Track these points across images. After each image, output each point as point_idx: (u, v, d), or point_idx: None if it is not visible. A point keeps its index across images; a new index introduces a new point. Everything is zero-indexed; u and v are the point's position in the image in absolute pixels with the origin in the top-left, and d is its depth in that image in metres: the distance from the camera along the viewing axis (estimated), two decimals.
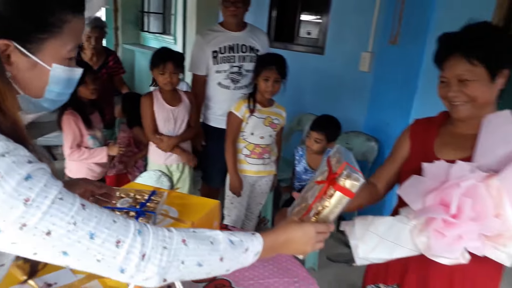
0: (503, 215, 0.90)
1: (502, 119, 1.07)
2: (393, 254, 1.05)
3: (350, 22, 2.99)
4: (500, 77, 1.09)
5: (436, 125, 1.24)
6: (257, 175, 2.37)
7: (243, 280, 1.28)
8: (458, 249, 0.94)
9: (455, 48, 1.10)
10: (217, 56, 2.47)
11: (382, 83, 2.67)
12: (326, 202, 0.94)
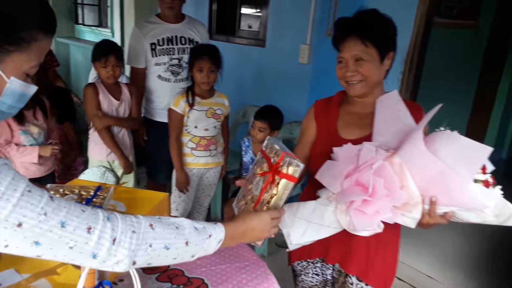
0: (406, 186, 1.02)
1: (392, 100, 1.21)
2: (320, 234, 1.14)
3: (289, 15, 3.08)
4: (388, 59, 1.23)
5: (336, 104, 1.34)
6: (205, 167, 2.39)
7: (195, 269, 1.31)
8: (375, 222, 1.05)
9: (351, 31, 1.21)
10: (155, 48, 2.45)
11: (321, 74, 2.80)
12: (273, 191, 1.02)
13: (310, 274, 1.47)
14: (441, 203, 1.01)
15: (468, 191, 0.97)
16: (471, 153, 0.98)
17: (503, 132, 4.32)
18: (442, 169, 0.97)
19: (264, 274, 1.31)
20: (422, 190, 1.02)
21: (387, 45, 1.22)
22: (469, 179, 0.97)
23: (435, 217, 1.03)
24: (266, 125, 2.49)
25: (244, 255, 1.41)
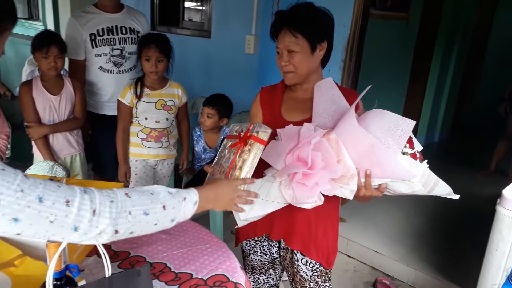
0: (342, 160, 1.11)
1: (328, 85, 1.30)
2: (266, 209, 1.22)
3: (233, 6, 3.11)
4: (320, 49, 1.30)
5: (280, 91, 1.43)
6: (156, 159, 2.37)
7: (156, 254, 1.32)
8: (316, 194, 1.13)
9: (283, 23, 1.28)
10: (95, 39, 2.36)
11: (268, 64, 2.86)
12: (245, 155, 1.09)
13: (259, 253, 1.54)
14: (375, 175, 1.10)
15: (397, 162, 1.06)
16: (397, 127, 1.07)
17: (434, 117, 4.68)
18: (373, 143, 1.06)
19: (226, 254, 1.35)
20: (357, 163, 1.11)
21: (318, 36, 1.28)
22: (397, 150, 1.06)
23: (371, 189, 1.13)
24: (214, 111, 2.51)
25: (204, 238, 1.44)
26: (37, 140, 2.18)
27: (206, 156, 2.71)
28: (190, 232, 1.48)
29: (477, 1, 4.51)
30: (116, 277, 0.83)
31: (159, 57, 2.15)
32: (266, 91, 1.48)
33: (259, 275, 1.60)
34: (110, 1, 2.38)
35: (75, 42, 2.36)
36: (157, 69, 2.16)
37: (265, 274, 1.59)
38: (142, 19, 2.56)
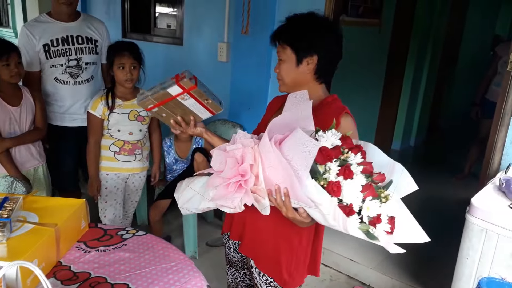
0: (258, 172, 1.09)
1: (300, 97, 1.27)
2: (200, 205, 1.25)
3: (204, 14, 3.08)
4: (308, 62, 1.26)
5: (282, 100, 1.41)
6: (129, 173, 2.30)
7: (119, 274, 1.26)
8: (233, 199, 1.11)
9: (276, 32, 1.30)
10: (49, 49, 2.26)
11: (240, 72, 2.83)
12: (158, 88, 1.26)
13: (232, 249, 1.54)
14: (291, 196, 1.04)
15: (302, 186, 0.99)
16: (304, 148, 0.99)
17: (409, 122, 4.74)
18: (281, 160, 1.01)
19: (192, 272, 1.29)
20: (274, 180, 1.06)
21: (304, 48, 1.25)
22: (304, 172, 0.98)
23: (291, 210, 1.08)
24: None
25: (170, 255, 1.38)
26: (0, 155, 2.08)
27: (178, 167, 2.66)
28: (156, 249, 1.42)
29: (448, 6, 4.59)
30: None
31: (133, 63, 2.09)
32: (275, 99, 1.52)
33: (235, 270, 1.60)
34: (67, 8, 2.27)
35: (28, 53, 2.26)
36: (132, 77, 2.10)
37: (239, 271, 1.58)
38: (101, 27, 2.46)
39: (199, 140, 2.62)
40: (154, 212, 2.51)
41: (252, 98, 2.79)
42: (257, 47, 2.66)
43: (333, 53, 1.29)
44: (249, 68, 2.76)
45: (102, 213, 2.30)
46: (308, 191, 1.00)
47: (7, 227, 1.21)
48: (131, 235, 1.49)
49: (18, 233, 1.24)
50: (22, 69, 2.09)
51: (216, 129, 2.97)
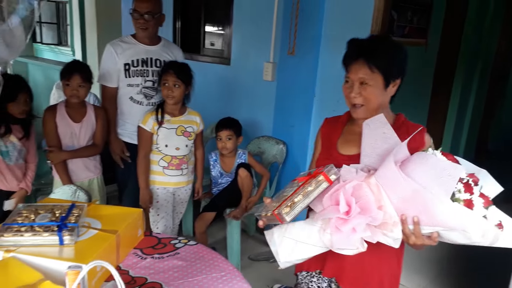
0: (384, 206, 1.07)
1: (378, 123, 1.25)
2: (307, 253, 1.19)
3: (252, 34, 3.19)
4: (393, 86, 1.30)
5: (341, 124, 1.43)
6: (176, 186, 2.41)
7: (173, 281, 1.34)
8: (355, 240, 1.09)
9: (360, 54, 1.26)
10: (129, 69, 2.41)
11: (285, 91, 2.91)
12: (309, 187, 1.12)
13: (308, 285, 1.50)
14: (424, 223, 1.04)
15: (445, 210, 0.99)
16: (443, 172, 1.00)
17: (456, 142, 4.61)
18: (415, 188, 1.01)
19: (241, 283, 1.35)
20: (401, 210, 1.06)
21: (393, 72, 1.27)
22: (444, 197, 0.99)
23: (421, 237, 1.06)
24: (232, 132, 2.60)
25: (220, 265, 1.45)
26: (57, 165, 2.27)
27: (223, 180, 2.75)
28: (206, 258, 1.49)
29: (499, 24, 4.48)
30: None
31: (176, 82, 2.21)
32: (328, 122, 1.49)
33: None
34: (144, 32, 2.41)
35: (109, 69, 2.42)
36: (173, 94, 2.21)
37: None
38: (178, 52, 2.61)
39: (242, 155, 2.71)
40: (199, 224, 2.61)
41: (296, 116, 2.86)
42: (302, 67, 2.73)
43: (405, 75, 1.33)
44: (293, 87, 2.84)
45: (155, 225, 2.42)
46: (452, 215, 0.99)
47: (75, 231, 1.33)
48: (183, 244, 1.58)
49: (84, 237, 1.36)
50: (83, 91, 2.25)
51: (260, 145, 3.05)
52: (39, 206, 1.46)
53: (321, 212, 1.15)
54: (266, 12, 2.99)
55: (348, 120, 1.44)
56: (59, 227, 1.32)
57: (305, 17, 2.64)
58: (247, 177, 2.58)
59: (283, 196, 1.22)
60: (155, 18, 2.39)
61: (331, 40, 2.60)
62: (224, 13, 3.47)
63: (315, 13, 2.60)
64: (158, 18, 2.43)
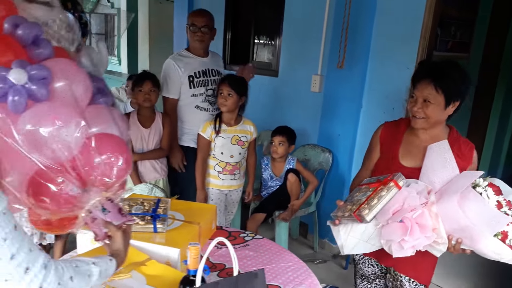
0: (438, 229, 1.34)
1: (441, 148, 1.45)
2: (367, 250, 1.49)
3: (300, 48, 3.38)
4: (452, 107, 1.47)
5: (401, 131, 1.60)
6: (229, 189, 2.63)
7: (248, 268, 1.53)
8: (410, 252, 1.38)
9: (428, 75, 1.45)
10: (193, 80, 2.64)
11: (332, 101, 3.07)
12: (382, 193, 1.34)
13: (367, 264, 1.74)
14: (464, 244, 1.34)
15: (486, 244, 1.27)
16: (493, 219, 1.26)
17: (497, 153, 4.63)
18: (468, 224, 1.28)
19: (307, 272, 1.53)
20: (450, 232, 1.34)
21: (455, 95, 1.44)
22: (489, 235, 1.26)
23: (459, 250, 1.37)
24: (285, 139, 2.80)
25: (286, 257, 1.63)
26: None
27: (272, 183, 2.94)
28: (273, 251, 1.68)
29: None
30: (240, 277, 1.06)
31: (229, 91, 2.41)
32: (388, 127, 1.66)
33: (367, 282, 1.79)
34: (200, 45, 2.65)
35: (171, 81, 2.62)
36: (226, 102, 2.41)
37: (371, 283, 1.77)
38: (221, 61, 2.88)
39: (291, 161, 2.89)
40: (251, 224, 2.80)
41: (343, 126, 3.01)
42: (350, 80, 2.89)
43: (465, 98, 1.49)
44: (340, 98, 3.00)
45: None
46: (492, 249, 1.29)
47: (166, 221, 1.55)
48: (251, 238, 1.77)
49: (172, 227, 1.58)
50: (154, 95, 2.53)
51: (306, 153, 3.22)
52: (130, 199, 1.69)
53: (387, 229, 1.40)
54: (315, 28, 3.19)
55: (407, 128, 1.61)
56: (153, 217, 1.54)
57: (354, 33, 2.81)
58: (296, 181, 2.76)
59: (357, 200, 1.45)
60: (209, 31, 2.64)
61: (379, 55, 2.76)
62: (274, 27, 3.69)
63: (365, 29, 2.76)
64: (212, 32, 2.68)
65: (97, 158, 0.97)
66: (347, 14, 2.79)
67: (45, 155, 0.89)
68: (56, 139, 0.89)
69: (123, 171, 1.01)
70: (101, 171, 0.98)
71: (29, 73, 0.86)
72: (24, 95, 0.86)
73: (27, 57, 0.93)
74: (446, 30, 3.54)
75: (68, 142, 0.90)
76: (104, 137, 0.99)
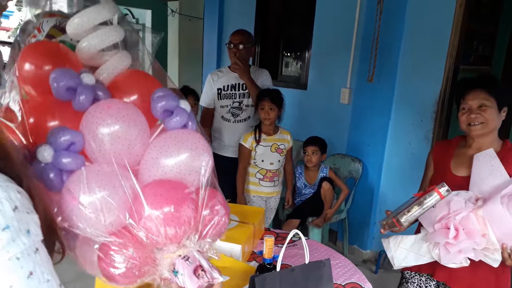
0: (487, 235, 1.34)
1: (488, 157, 1.47)
2: (417, 262, 1.51)
3: (330, 62, 3.55)
4: (503, 111, 1.56)
5: (453, 147, 1.69)
6: (268, 196, 2.80)
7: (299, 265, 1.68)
8: (460, 259, 1.38)
9: (477, 85, 1.56)
10: (221, 93, 2.89)
11: (361, 113, 3.23)
12: (423, 200, 1.41)
13: (416, 284, 1.76)
14: None
15: None
16: None
17: None
18: None
19: (354, 269, 1.67)
20: (502, 240, 1.33)
21: (503, 100, 1.53)
22: None
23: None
24: (317, 148, 2.97)
25: (333, 255, 1.77)
26: None
27: (306, 191, 3.09)
28: (320, 250, 1.83)
29: None
30: (311, 264, 1.21)
31: (271, 106, 2.62)
32: (439, 145, 1.78)
33: None
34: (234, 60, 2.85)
35: (205, 92, 2.94)
36: (269, 116, 2.63)
37: None
38: (265, 76, 2.97)
39: (324, 169, 3.05)
40: (286, 229, 2.96)
41: (372, 136, 3.16)
42: (379, 93, 3.05)
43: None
44: (369, 110, 3.15)
45: None
46: None
47: None
48: (298, 238, 1.92)
49: (229, 227, 1.74)
50: (195, 110, 2.74)
51: (335, 162, 3.38)
52: None
53: (433, 234, 1.45)
54: (343, 44, 3.37)
55: (458, 144, 1.70)
56: None
57: (383, 49, 2.98)
58: (330, 189, 2.92)
59: (400, 207, 1.56)
60: (245, 48, 2.83)
61: (407, 69, 2.92)
62: (303, 42, 3.89)
63: (393, 45, 2.93)
64: (248, 49, 2.87)
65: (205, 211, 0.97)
66: (376, 31, 2.97)
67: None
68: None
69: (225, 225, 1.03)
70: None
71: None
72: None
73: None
74: (469, 44, 3.68)
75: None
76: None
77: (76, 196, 0.85)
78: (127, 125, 0.92)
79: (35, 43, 1.06)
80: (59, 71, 0.93)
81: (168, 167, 0.95)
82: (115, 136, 0.90)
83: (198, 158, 0.99)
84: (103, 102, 0.94)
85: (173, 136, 0.98)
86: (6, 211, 0.57)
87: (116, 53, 1.07)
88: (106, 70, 1.07)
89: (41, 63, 0.98)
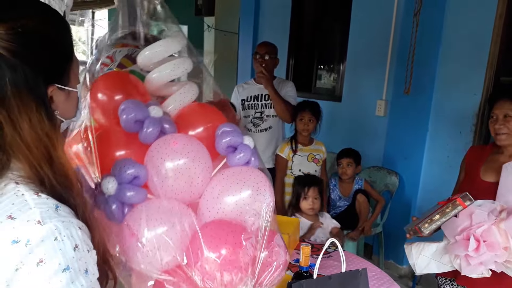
0: (509, 248, 1.37)
1: None
2: (438, 269, 1.55)
3: (365, 74, 3.54)
4: None
5: (486, 152, 1.70)
6: None
7: None
8: (481, 270, 1.40)
9: (505, 94, 1.61)
10: (244, 103, 2.99)
11: (397, 125, 3.20)
12: (446, 209, 1.44)
13: None
14: None
15: None
16: None
17: None
18: None
19: (390, 281, 1.67)
20: None
21: None
22: None
23: None
24: (352, 160, 2.96)
25: (370, 268, 1.77)
26: None
27: (341, 203, 3.08)
28: (355, 262, 1.83)
29: None
30: (348, 273, 1.23)
31: (310, 118, 2.67)
32: (473, 149, 1.81)
33: None
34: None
35: (234, 104, 2.99)
36: (308, 127, 2.68)
37: None
38: (290, 88, 2.99)
39: (359, 181, 3.03)
40: None
41: (408, 149, 3.12)
42: (416, 105, 3.02)
43: None
44: (406, 122, 3.12)
45: None
46: None
47: None
48: (333, 250, 1.93)
49: None
50: None
51: (371, 175, 3.34)
52: None
53: (453, 245, 1.46)
54: (379, 56, 3.36)
55: (492, 150, 1.71)
56: None
57: (420, 61, 2.95)
58: (365, 202, 2.89)
59: (424, 215, 1.57)
60: (270, 58, 2.90)
61: (445, 81, 2.88)
62: (337, 55, 3.91)
63: (430, 57, 2.90)
64: (273, 60, 2.94)
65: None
66: (413, 43, 2.95)
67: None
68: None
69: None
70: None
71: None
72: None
73: None
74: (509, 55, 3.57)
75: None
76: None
77: (135, 232, 0.86)
78: (192, 161, 0.93)
79: (108, 73, 1.10)
80: (129, 103, 0.96)
81: (229, 207, 0.95)
82: (179, 172, 0.91)
83: (259, 199, 0.98)
84: (169, 137, 0.96)
85: (236, 174, 0.98)
86: (67, 250, 0.58)
87: (184, 84, 1.11)
88: (173, 102, 1.10)
89: (112, 93, 1.02)
